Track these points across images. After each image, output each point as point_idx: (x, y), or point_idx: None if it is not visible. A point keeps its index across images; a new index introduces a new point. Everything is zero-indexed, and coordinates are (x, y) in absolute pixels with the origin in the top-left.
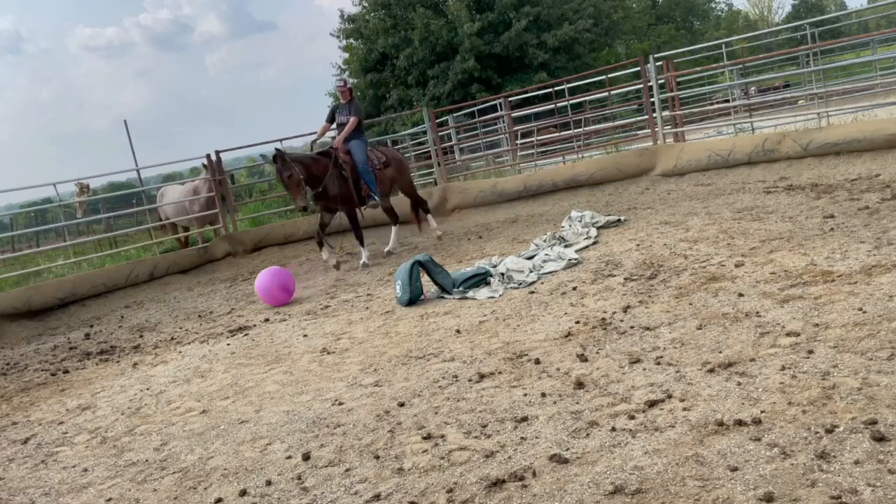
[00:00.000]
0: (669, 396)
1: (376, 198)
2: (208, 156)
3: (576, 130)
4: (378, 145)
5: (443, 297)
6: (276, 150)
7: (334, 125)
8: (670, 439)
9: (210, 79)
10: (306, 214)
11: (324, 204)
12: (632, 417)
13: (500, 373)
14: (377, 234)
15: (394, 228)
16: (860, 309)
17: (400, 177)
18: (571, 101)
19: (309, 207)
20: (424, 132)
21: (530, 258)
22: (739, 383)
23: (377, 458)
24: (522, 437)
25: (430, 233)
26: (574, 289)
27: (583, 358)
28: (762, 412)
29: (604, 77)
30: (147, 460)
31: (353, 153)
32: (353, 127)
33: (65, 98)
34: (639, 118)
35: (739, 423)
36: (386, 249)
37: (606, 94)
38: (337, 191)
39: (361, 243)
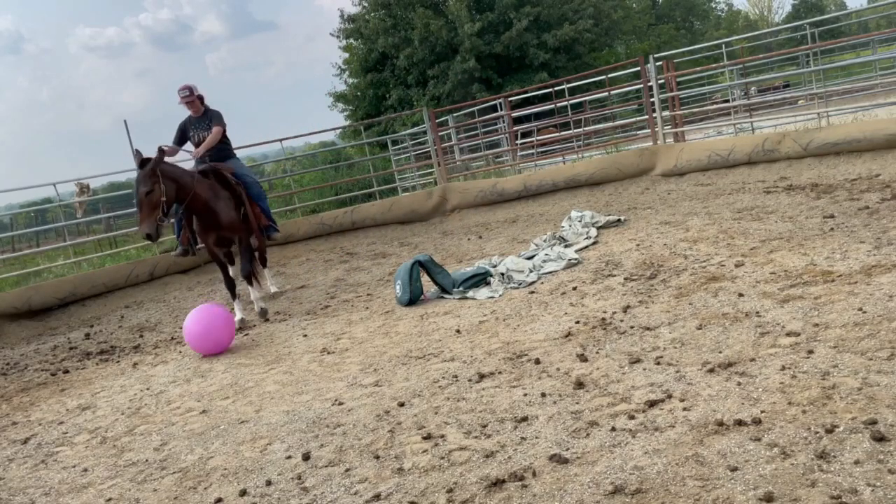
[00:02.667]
0: (669, 396)
1: (277, 227)
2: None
3: (576, 130)
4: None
5: (443, 297)
6: (157, 151)
7: (189, 146)
8: (670, 439)
9: (210, 79)
10: (151, 247)
11: (216, 236)
12: (632, 417)
13: (500, 373)
14: (378, 233)
15: (265, 272)
16: (860, 309)
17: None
18: (571, 101)
19: (155, 237)
20: (424, 132)
21: (530, 258)
22: (739, 383)
23: (377, 458)
24: (522, 437)
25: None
26: (574, 289)
27: (583, 358)
28: (762, 412)
29: (604, 77)
30: (147, 460)
31: (241, 173)
32: (219, 138)
33: (65, 98)
34: (639, 118)
35: (739, 423)
36: (274, 289)
37: (606, 94)
38: (231, 217)
39: (252, 282)
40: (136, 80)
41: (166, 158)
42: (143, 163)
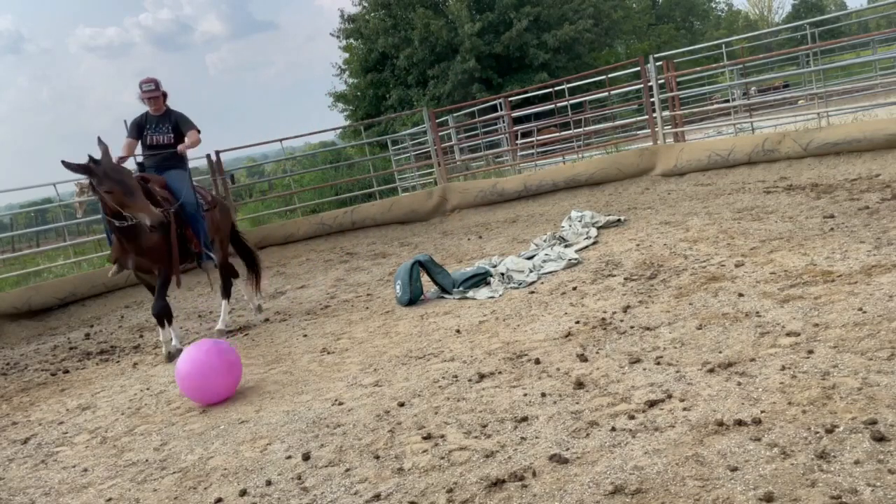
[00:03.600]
0: (669, 396)
1: (213, 256)
2: (208, 156)
3: (576, 130)
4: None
5: (443, 297)
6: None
7: (147, 146)
8: (670, 439)
9: (210, 79)
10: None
11: (136, 261)
12: (632, 417)
13: (500, 373)
14: (378, 233)
15: (224, 304)
16: (860, 309)
17: (224, 223)
18: (571, 101)
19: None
20: (424, 132)
21: (530, 258)
22: (739, 383)
23: (377, 458)
24: (522, 437)
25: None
26: (574, 289)
27: (583, 358)
28: (762, 412)
29: (604, 77)
30: (147, 460)
31: (175, 188)
32: (199, 141)
33: (65, 98)
34: (639, 118)
35: (739, 423)
36: (217, 328)
37: (606, 94)
38: (155, 242)
39: (167, 322)
40: (136, 80)
41: (126, 153)
42: (105, 158)
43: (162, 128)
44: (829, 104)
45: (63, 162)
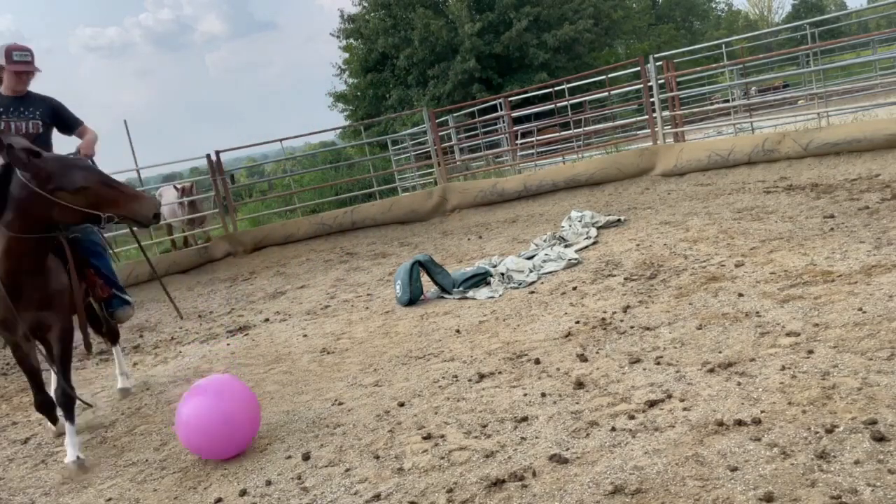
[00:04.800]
0: (669, 396)
1: (129, 299)
2: (208, 156)
3: (576, 130)
4: None
5: (443, 297)
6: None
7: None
8: (670, 439)
9: (210, 79)
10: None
11: (34, 319)
12: (632, 417)
13: (500, 373)
14: (378, 233)
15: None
16: (860, 309)
17: None
18: (571, 101)
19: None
20: (424, 132)
21: (530, 258)
22: (739, 383)
23: (377, 458)
24: (522, 437)
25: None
26: (574, 289)
27: (583, 358)
28: (762, 412)
29: (604, 77)
30: (147, 460)
31: None
32: (96, 142)
33: (65, 98)
34: (639, 118)
35: (739, 423)
36: (119, 386)
37: (606, 94)
38: (63, 285)
39: (71, 416)
40: (136, 80)
41: None
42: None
43: (26, 113)
44: (829, 104)
45: None
